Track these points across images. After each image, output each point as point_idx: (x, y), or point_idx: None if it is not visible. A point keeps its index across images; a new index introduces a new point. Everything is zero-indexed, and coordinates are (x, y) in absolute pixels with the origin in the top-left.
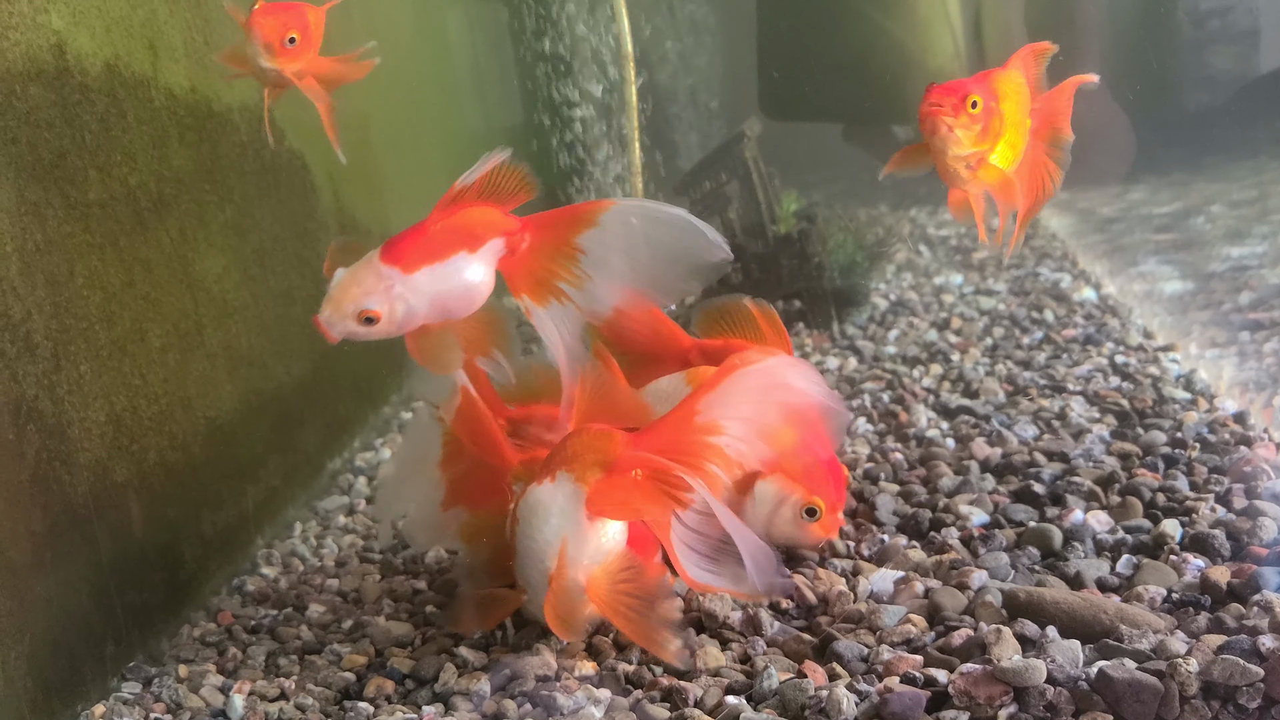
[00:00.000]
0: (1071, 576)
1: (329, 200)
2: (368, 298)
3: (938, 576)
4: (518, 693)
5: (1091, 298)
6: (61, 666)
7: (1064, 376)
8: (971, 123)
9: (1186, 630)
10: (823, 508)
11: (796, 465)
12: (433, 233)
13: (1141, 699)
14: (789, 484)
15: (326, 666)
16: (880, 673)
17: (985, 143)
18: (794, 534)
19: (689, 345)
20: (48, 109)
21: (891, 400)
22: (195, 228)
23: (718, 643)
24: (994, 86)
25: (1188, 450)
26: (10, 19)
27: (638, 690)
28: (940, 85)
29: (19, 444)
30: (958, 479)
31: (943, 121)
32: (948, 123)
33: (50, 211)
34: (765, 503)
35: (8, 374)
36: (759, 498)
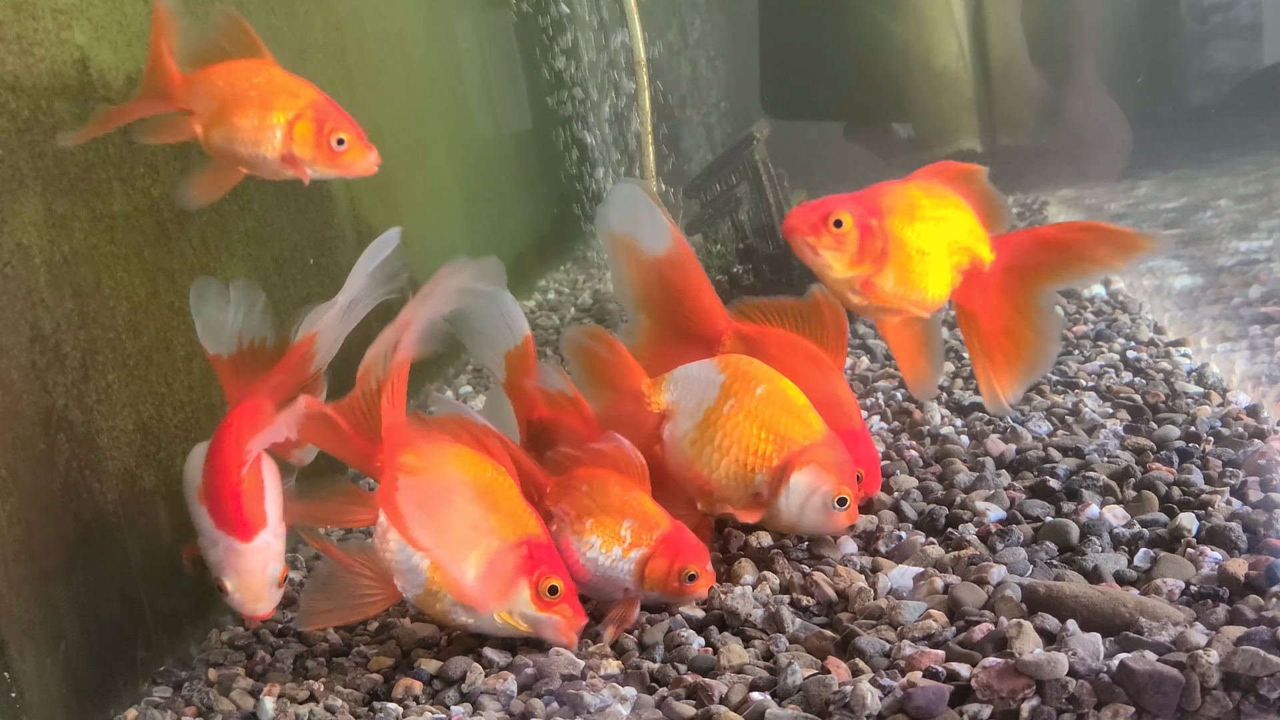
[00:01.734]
0: (1089, 570)
1: (345, 209)
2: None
3: (956, 572)
4: (544, 692)
5: (1101, 294)
6: (94, 672)
7: (1076, 372)
8: (836, 244)
9: (1205, 622)
10: (852, 498)
11: (828, 456)
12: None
13: (1163, 690)
14: (822, 475)
15: (354, 668)
16: (902, 668)
17: (864, 265)
18: (821, 522)
19: (725, 328)
20: (73, 122)
21: (905, 398)
22: (216, 237)
23: (740, 640)
24: (878, 202)
25: (1202, 444)
26: (35, 35)
27: (663, 688)
28: (807, 203)
29: (50, 453)
30: (973, 475)
31: (803, 242)
32: (809, 243)
33: (77, 224)
34: (798, 493)
35: (38, 384)
36: (792, 489)
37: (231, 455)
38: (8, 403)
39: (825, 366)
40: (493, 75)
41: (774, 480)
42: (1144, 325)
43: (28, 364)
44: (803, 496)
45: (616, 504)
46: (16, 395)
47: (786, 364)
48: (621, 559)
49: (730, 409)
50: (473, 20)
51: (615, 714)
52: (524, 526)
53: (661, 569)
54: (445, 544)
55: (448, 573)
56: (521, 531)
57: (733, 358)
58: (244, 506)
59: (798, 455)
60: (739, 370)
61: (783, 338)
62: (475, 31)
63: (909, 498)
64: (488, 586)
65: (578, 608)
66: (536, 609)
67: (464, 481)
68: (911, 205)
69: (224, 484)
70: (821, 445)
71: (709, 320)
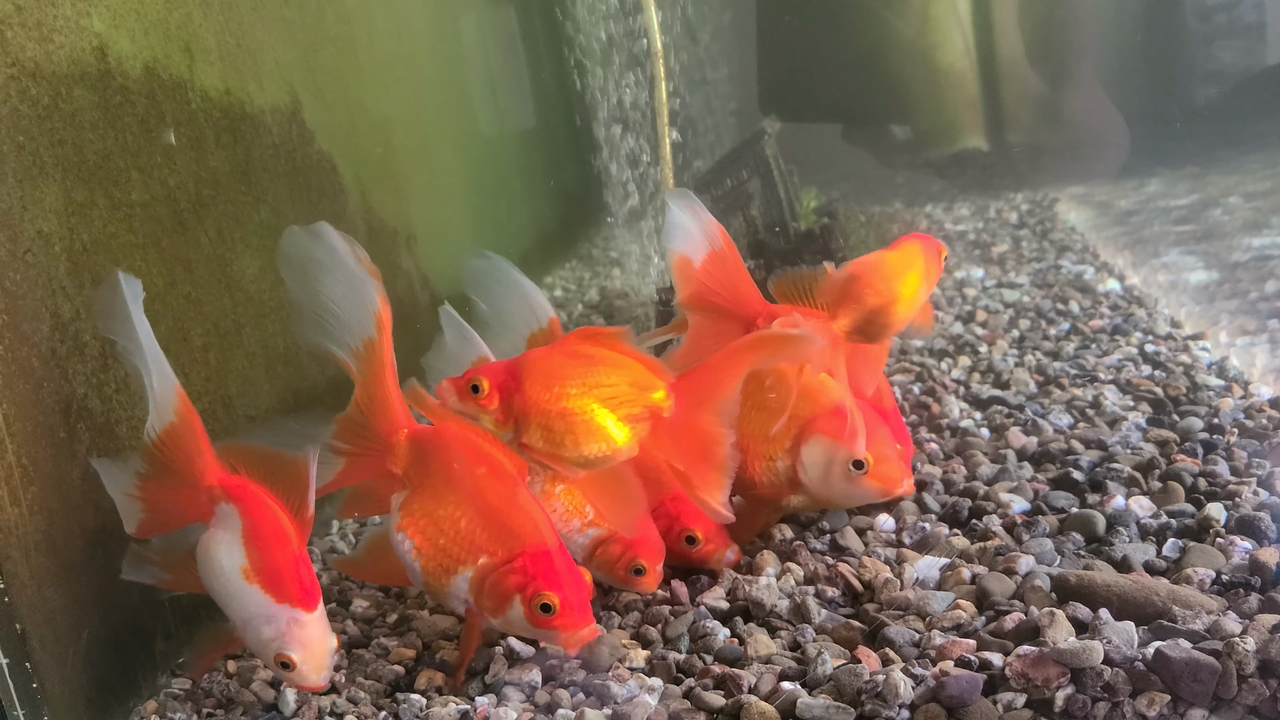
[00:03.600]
0: (1118, 560)
1: (357, 201)
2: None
3: (983, 563)
4: (569, 682)
5: (1116, 289)
6: (115, 664)
7: (1095, 366)
8: (479, 407)
9: (1238, 611)
10: (870, 460)
11: (833, 423)
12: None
13: (1200, 678)
14: (829, 442)
15: (374, 660)
16: (933, 657)
17: (509, 425)
18: (851, 490)
19: (759, 310)
20: (91, 111)
21: (922, 392)
22: (232, 228)
23: (766, 631)
24: (519, 370)
25: (1226, 435)
26: (55, 22)
27: (689, 678)
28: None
29: (70, 442)
30: (995, 468)
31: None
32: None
33: (96, 212)
34: (815, 465)
35: (59, 373)
36: (807, 463)
37: (282, 525)
38: (29, 390)
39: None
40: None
41: (792, 460)
42: (1160, 320)
43: (48, 351)
44: (819, 467)
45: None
46: (37, 383)
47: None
48: (578, 531)
49: (746, 408)
50: (481, 15)
51: (643, 704)
52: (519, 539)
53: (613, 554)
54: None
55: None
56: (515, 546)
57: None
58: (307, 575)
59: (803, 429)
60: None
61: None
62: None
63: (931, 490)
64: (479, 602)
65: (580, 618)
66: (531, 625)
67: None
68: (551, 372)
69: (284, 556)
70: (827, 414)
71: (746, 304)
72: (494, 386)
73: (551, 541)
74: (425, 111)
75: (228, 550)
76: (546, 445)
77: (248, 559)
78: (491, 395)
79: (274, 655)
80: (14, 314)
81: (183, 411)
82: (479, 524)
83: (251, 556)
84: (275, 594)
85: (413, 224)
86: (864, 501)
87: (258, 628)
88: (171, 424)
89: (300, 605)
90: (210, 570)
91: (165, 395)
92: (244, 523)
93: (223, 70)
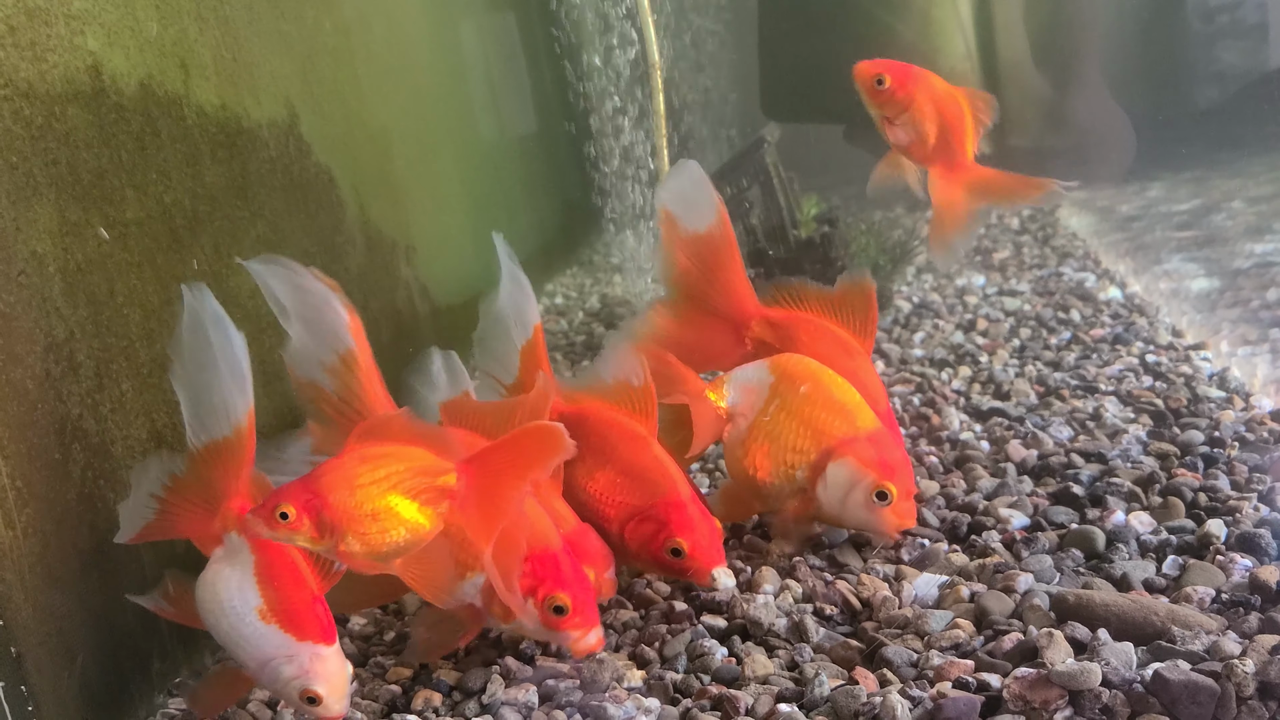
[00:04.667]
0: (1118, 578)
1: (355, 213)
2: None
3: (982, 580)
4: (565, 702)
5: (1117, 297)
6: (110, 684)
7: (1095, 377)
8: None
9: (1238, 630)
10: (894, 493)
11: (869, 449)
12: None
13: (1198, 701)
14: (859, 469)
15: (371, 679)
16: (931, 678)
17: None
18: (866, 518)
19: (754, 313)
20: (86, 129)
21: (922, 403)
22: (228, 244)
23: (764, 650)
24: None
25: (1227, 449)
26: (49, 41)
27: (686, 699)
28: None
29: (65, 463)
30: (995, 481)
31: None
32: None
33: (90, 231)
34: (836, 486)
35: (53, 394)
36: (830, 480)
37: (295, 561)
38: (23, 412)
39: (853, 352)
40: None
41: (813, 474)
42: (1162, 328)
43: (42, 373)
44: (841, 490)
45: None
46: (31, 404)
47: (814, 349)
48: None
49: (775, 409)
50: (479, 24)
51: None
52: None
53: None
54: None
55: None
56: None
57: (783, 358)
58: (324, 610)
59: (835, 448)
60: (786, 370)
61: (810, 323)
62: (482, 36)
63: (930, 504)
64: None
65: (589, 618)
66: (544, 626)
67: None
68: (351, 479)
69: (301, 594)
70: (863, 440)
71: (739, 303)
72: (300, 508)
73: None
74: (424, 122)
75: (239, 590)
76: (364, 548)
77: (263, 598)
78: (300, 517)
79: (299, 693)
80: (8, 335)
81: (244, 431)
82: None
83: (267, 595)
84: (296, 633)
85: (411, 234)
86: (875, 530)
87: (278, 668)
88: (227, 438)
89: (322, 641)
90: (218, 611)
91: (237, 409)
92: (256, 559)
93: (219, 85)
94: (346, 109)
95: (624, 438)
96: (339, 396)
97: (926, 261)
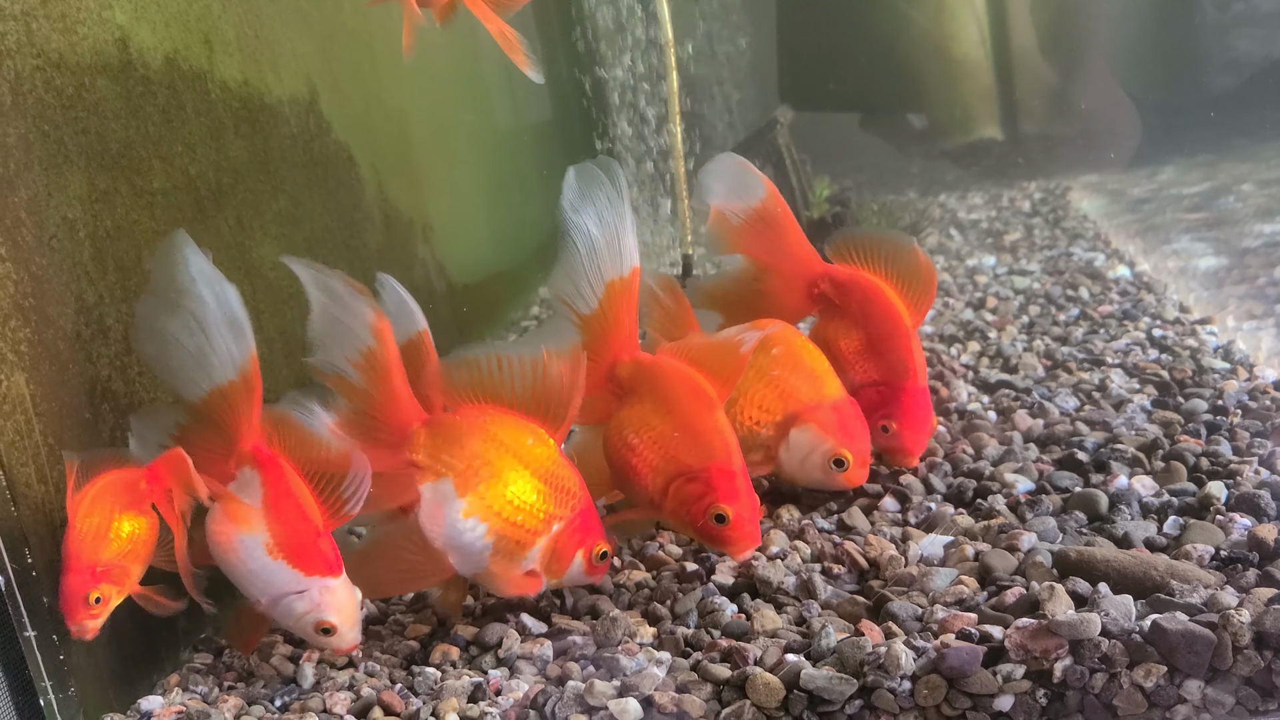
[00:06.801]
0: (1119, 538)
1: (374, 191)
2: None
3: (986, 540)
4: (579, 656)
5: (1126, 275)
6: (138, 638)
7: (1102, 350)
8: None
9: (1236, 585)
10: (850, 460)
11: (831, 417)
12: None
13: (1195, 650)
14: (820, 435)
15: (390, 636)
16: (935, 630)
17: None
18: (822, 480)
19: (820, 271)
20: (114, 100)
21: (931, 376)
22: (251, 216)
23: (773, 606)
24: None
25: (1229, 417)
26: (79, 13)
27: (697, 652)
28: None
29: (95, 422)
30: (1001, 449)
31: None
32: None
33: (119, 199)
34: (797, 449)
35: (83, 355)
36: (793, 444)
37: (303, 499)
38: (55, 372)
39: (899, 320)
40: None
41: (777, 434)
42: (1169, 305)
43: (73, 334)
44: (801, 453)
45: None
46: (63, 365)
47: (865, 312)
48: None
49: (749, 372)
50: None
51: (651, 676)
52: (575, 498)
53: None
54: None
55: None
56: (575, 504)
57: (762, 322)
58: (329, 545)
59: (800, 413)
60: (764, 337)
61: (869, 288)
62: None
63: (937, 470)
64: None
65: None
66: (586, 575)
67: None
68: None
69: (306, 528)
70: (827, 407)
71: (804, 263)
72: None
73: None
74: (440, 104)
75: (248, 524)
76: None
77: (270, 534)
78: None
79: (313, 625)
80: (40, 298)
81: (249, 374)
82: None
83: (274, 530)
84: (303, 568)
85: (429, 214)
86: (829, 488)
87: (290, 604)
88: (233, 382)
89: (329, 574)
90: (228, 545)
91: (241, 353)
92: (265, 493)
93: (241, 61)
94: (365, 89)
95: (691, 395)
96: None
97: (938, 243)
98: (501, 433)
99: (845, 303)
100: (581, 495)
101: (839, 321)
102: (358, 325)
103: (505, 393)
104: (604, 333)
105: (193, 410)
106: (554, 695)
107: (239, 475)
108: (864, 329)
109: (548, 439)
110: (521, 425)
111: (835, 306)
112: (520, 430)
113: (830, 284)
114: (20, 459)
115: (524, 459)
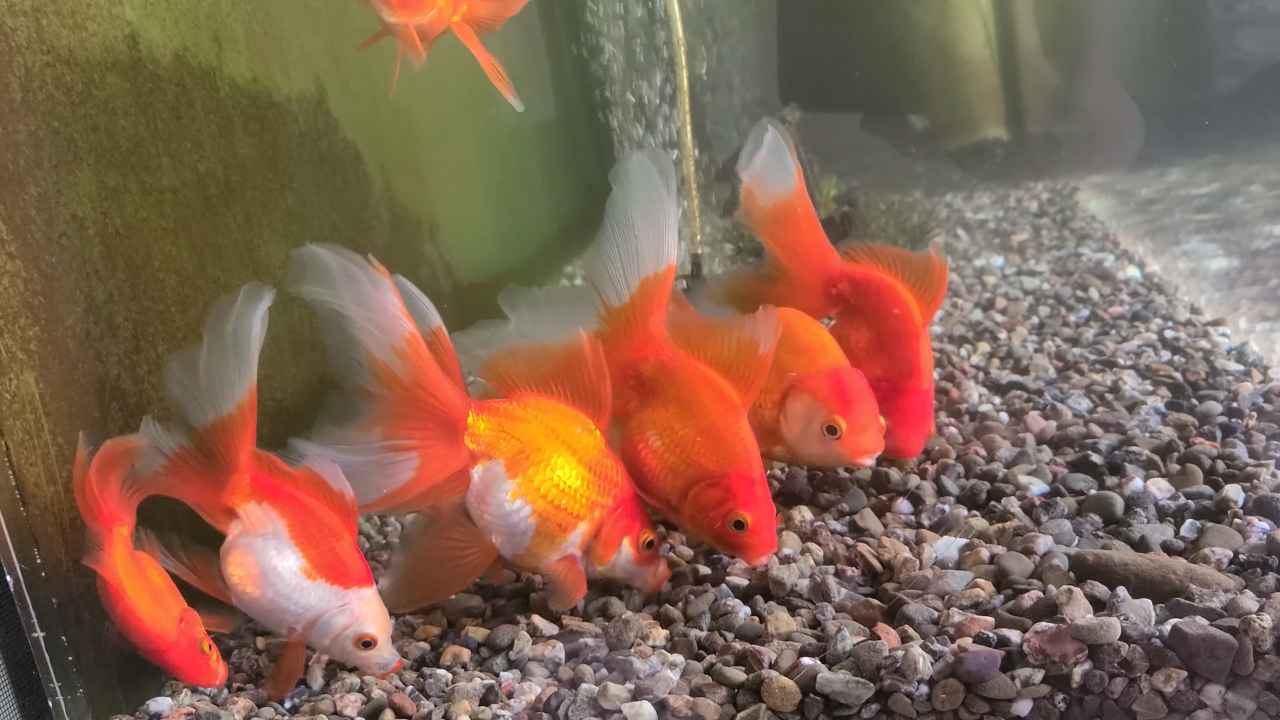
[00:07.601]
0: (1136, 541)
1: (381, 189)
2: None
3: (1001, 543)
4: (591, 658)
5: (1136, 276)
6: None
7: (1114, 352)
8: None
9: (1255, 589)
10: (843, 427)
11: (825, 384)
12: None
13: (1216, 654)
14: (813, 402)
15: (401, 637)
16: (952, 634)
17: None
18: (820, 451)
19: (838, 271)
20: (124, 97)
21: (942, 377)
22: (260, 214)
23: (786, 609)
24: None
25: (1245, 419)
26: (89, 10)
27: (711, 655)
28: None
29: (104, 421)
30: (1014, 451)
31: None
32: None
33: (128, 196)
34: (793, 419)
35: (92, 354)
36: (788, 415)
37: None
38: (64, 370)
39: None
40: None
41: (778, 413)
42: (1180, 306)
43: (82, 333)
44: (798, 423)
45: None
46: (72, 363)
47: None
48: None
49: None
50: None
51: (665, 679)
52: (619, 487)
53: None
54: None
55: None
56: (618, 493)
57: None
58: (357, 552)
59: (794, 384)
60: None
61: (883, 287)
62: None
63: (950, 472)
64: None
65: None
66: (636, 563)
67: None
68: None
69: (340, 543)
70: (821, 375)
71: (824, 262)
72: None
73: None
74: (447, 103)
75: (279, 555)
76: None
77: (305, 558)
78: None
79: (354, 639)
80: (50, 295)
81: (246, 407)
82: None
83: (309, 554)
84: (342, 583)
85: (435, 213)
86: (834, 464)
87: (330, 620)
88: (232, 415)
89: (365, 583)
90: (259, 581)
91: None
92: (288, 523)
93: (250, 59)
94: (372, 87)
95: (715, 399)
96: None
97: (945, 243)
98: (554, 420)
99: (861, 302)
100: (624, 485)
101: (854, 319)
102: (394, 314)
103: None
104: (630, 327)
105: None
106: (567, 698)
107: (244, 511)
108: (874, 327)
109: (594, 429)
110: (572, 414)
111: (852, 306)
112: (570, 419)
113: (848, 284)
114: (29, 458)
115: (573, 446)
